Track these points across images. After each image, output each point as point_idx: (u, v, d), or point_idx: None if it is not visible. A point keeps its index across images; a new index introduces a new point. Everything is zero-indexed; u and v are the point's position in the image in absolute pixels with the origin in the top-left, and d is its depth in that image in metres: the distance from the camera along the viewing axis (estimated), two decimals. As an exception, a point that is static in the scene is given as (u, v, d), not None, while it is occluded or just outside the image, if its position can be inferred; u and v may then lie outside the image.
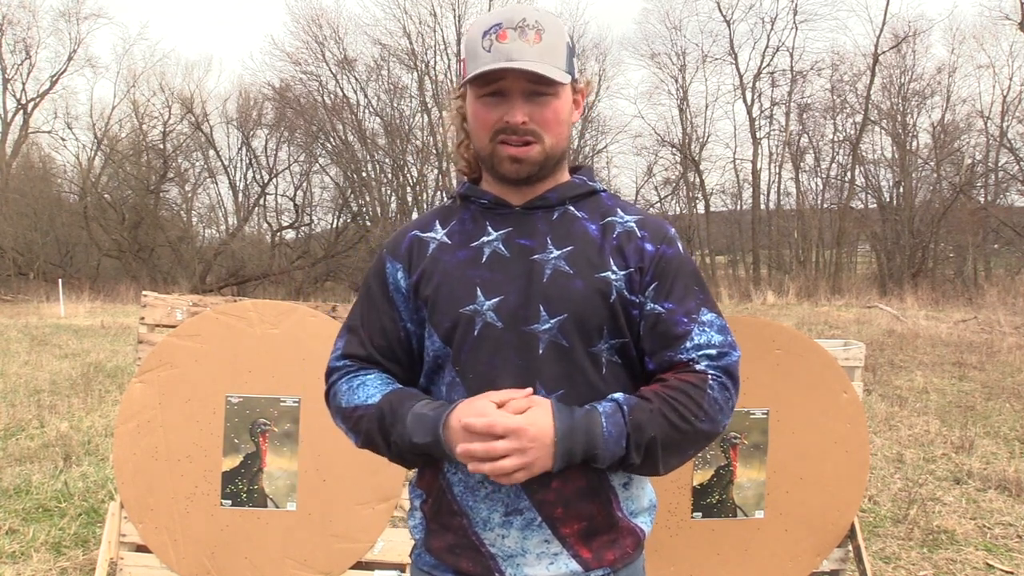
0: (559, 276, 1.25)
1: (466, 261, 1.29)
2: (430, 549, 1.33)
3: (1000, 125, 25.47)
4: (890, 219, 26.05)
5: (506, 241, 1.29)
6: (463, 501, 1.27)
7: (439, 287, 1.29)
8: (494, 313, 1.25)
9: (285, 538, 2.70)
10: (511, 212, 1.32)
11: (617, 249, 1.28)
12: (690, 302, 1.28)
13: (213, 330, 2.74)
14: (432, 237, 1.34)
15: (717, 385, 1.23)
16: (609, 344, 1.26)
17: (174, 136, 30.44)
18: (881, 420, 6.22)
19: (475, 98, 1.27)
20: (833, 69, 27.97)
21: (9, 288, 24.61)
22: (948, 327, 12.32)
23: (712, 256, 30.91)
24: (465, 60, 1.28)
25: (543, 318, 1.24)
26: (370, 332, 1.35)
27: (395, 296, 1.34)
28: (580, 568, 1.26)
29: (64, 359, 9.52)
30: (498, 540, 1.25)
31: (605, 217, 1.32)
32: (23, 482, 4.53)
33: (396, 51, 28.33)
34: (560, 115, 1.27)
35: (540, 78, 1.22)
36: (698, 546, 2.73)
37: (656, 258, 1.28)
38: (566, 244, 1.28)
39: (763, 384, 2.73)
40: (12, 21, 28.64)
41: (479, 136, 1.29)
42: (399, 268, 1.34)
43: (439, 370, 1.31)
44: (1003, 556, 3.63)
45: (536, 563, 1.25)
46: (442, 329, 1.28)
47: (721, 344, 1.27)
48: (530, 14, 1.23)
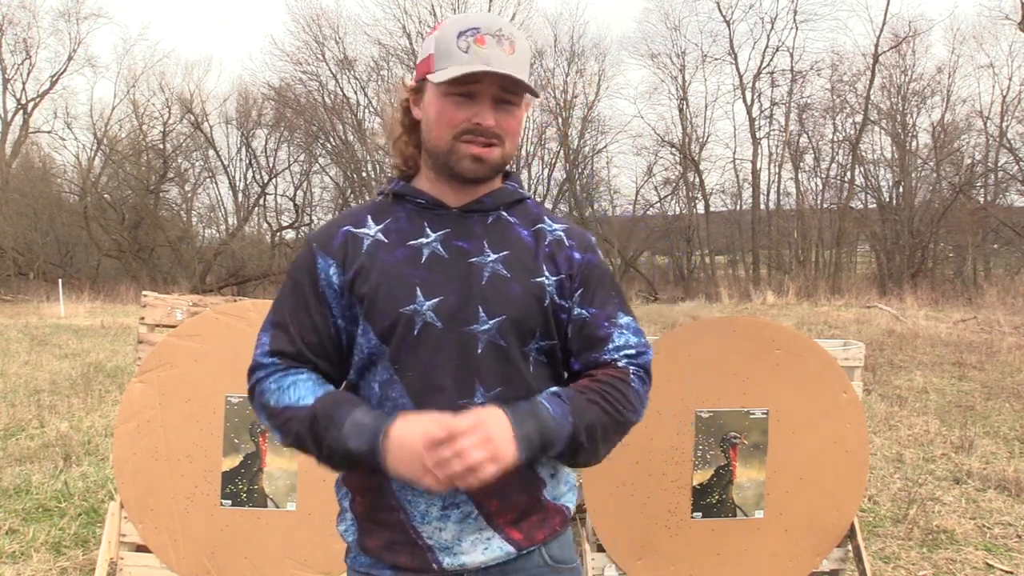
0: (497, 279, 1.30)
1: (404, 260, 1.30)
2: (365, 549, 1.34)
3: (1000, 125, 25.48)
4: (890, 219, 26.05)
5: (444, 242, 1.32)
6: (402, 496, 1.29)
7: (378, 286, 1.29)
8: (433, 313, 1.28)
9: (285, 538, 2.70)
10: (448, 213, 1.34)
11: (549, 256, 1.35)
12: (610, 307, 1.37)
13: (213, 330, 2.74)
14: (366, 233, 1.33)
15: (637, 379, 1.35)
16: (539, 345, 1.33)
17: (174, 136, 30.46)
18: (881, 420, 6.22)
19: (441, 95, 1.28)
20: (833, 69, 27.99)
21: (9, 288, 24.60)
22: (948, 327, 12.33)
23: (712, 256, 30.90)
24: (433, 56, 1.28)
25: (482, 319, 1.28)
26: (299, 328, 1.32)
27: (326, 292, 1.32)
28: (513, 549, 1.32)
29: (64, 359, 9.52)
30: (435, 533, 1.30)
31: (535, 224, 1.38)
32: (23, 482, 4.53)
33: (396, 51, 28.35)
34: (520, 124, 1.34)
35: (517, 84, 1.27)
36: (698, 546, 2.73)
37: (583, 265, 1.37)
38: (502, 248, 1.33)
39: (763, 384, 2.73)
40: (12, 21, 28.65)
41: (439, 133, 1.29)
42: (331, 264, 1.32)
43: (371, 366, 1.32)
44: (1003, 556, 3.63)
45: (472, 550, 1.30)
46: (380, 327, 1.29)
47: (637, 344, 1.38)
48: (505, 25, 1.29)
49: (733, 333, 2.74)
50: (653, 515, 2.71)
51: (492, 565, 1.31)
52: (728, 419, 2.73)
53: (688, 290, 26.30)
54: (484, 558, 1.30)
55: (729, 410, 2.73)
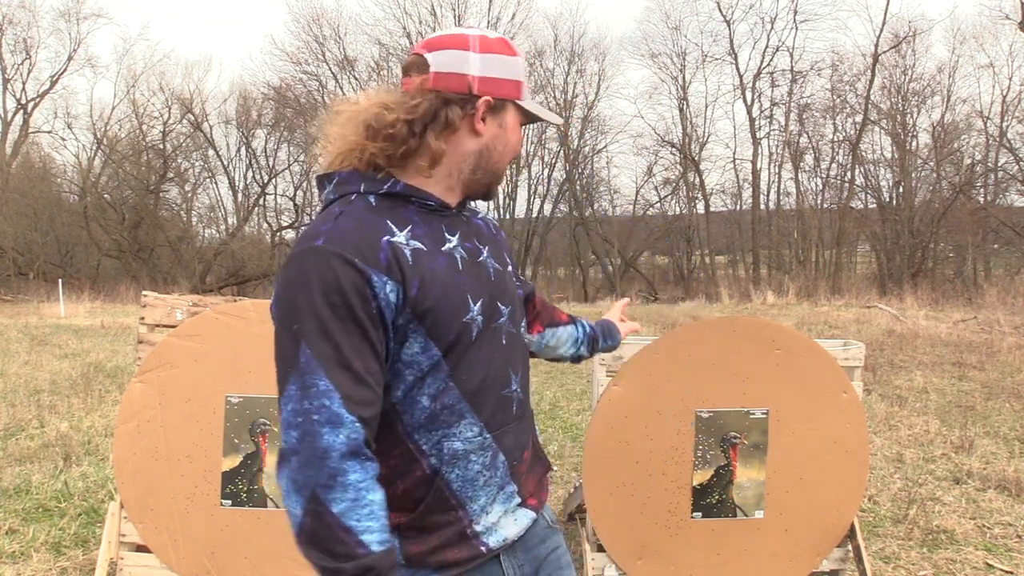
0: (497, 273, 1.38)
1: (449, 268, 1.27)
2: (409, 557, 1.27)
3: (1000, 125, 25.50)
4: (890, 219, 26.06)
5: (461, 244, 1.34)
6: (463, 493, 1.30)
7: (440, 299, 1.23)
8: (482, 316, 1.31)
9: (285, 538, 2.70)
10: (453, 216, 1.35)
11: (504, 242, 1.50)
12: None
13: (213, 330, 2.74)
14: (401, 243, 1.22)
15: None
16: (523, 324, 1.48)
17: (174, 136, 30.48)
18: (881, 420, 6.22)
19: (518, 124, 1.38)
20: (833, 69, 28.01)
21: (9, 288, 24.61)
22: (948, 327, 12.32)
23: (712, 256, 30.91)
24: (523, 84, 1.36)
25: (502, 312, 1.36)
26: (363, 360, 1.15)
27: (385, 312, 1.18)
28: (533, 514, 1.41)
29: (64, 359, 9.52)
30: (483, 519, 1.33)
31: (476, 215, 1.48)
32: (23, 482, 4.53)
33: (396, 51, 28.34)
34: None
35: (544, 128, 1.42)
36: (698, 546, 2.73)
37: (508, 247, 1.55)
38: (485, 243, 1.40)
39: (763, 384, 2.73)
40: (12, 21, 28.66)
41: (505, 155, 1.36)
42: (387, 281, 1.18)
43: (420, 384, 1.24)
44: (1003, 556, 3.63)
45: (507, 524, 1.36)
46: (445, 341, 1.24)
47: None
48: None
49: (733, 333, 2.74)
50: (653, 515, 2.71)
51: (519, 538, 1.37)
52: (728, 419, 2.73)
53: (688, 290, 26.31)
54: (518, 528, 1.37)
55: (729, 410, 2.73)
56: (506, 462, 1.34)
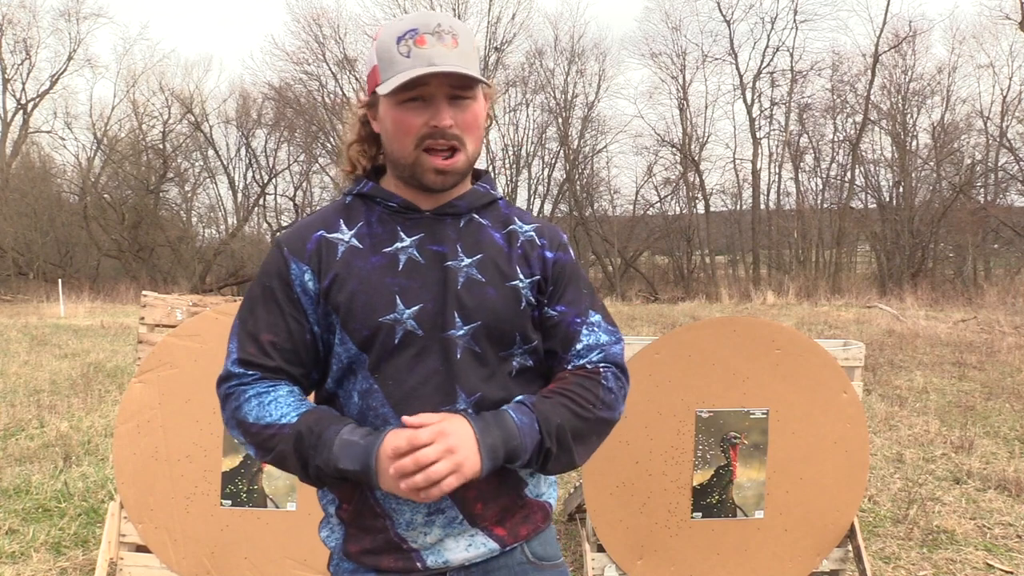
0: (472, 284, 1.28)
1: (381, 268, 1.27)
2: (348, 554, 1.32)
3: (1000, 125, 25.49)
4: (890, 219, 26.05)
5: (419, 247, 1.29)
6: (386, 504, 1.28)
7: (354, 295, 1.25)
8: (415, 321, 1.25)
9: (285, 538, 2.70)
10: (421, 217, 1.31)
11: (523, 257, 1.33)
12: (580, 305, 1.36)
13: (213, 330, 2.74)
14: (339, 239, 1.29)
15: (611, 376, 1.33)
16: (522, 349, 1.32)
17: (174, 136, 30.47)
18: (881, 420, 6.22)
19: (395, 104, 1.25)
20: (833, 69, 27.99)
21: (9, 288, 24.62)
22: (948, 327, 12.33)
23: (712, 256, 30.90)
24: (377, 66, 1.26)
25: (458, 324, 1.26)
26: (274, 335, 1.27)
27: (302, 298, 1.28)
28: (497, 546, 1.31)
29: (64, 359, 9.52)
30: (420, 537, 1.28)
31: (507, 226, 1.36)
32: (23, 482, 4.53)
33: (396, 51, 28.30)
34: (479, 119, 1.29)
35: (465, 80, 1.23)
36: (698, 546, 2.73)
37: (553, 263, 1.36)
38: (476, 252, 1.30)
39: (763, 384, 2.73)
40: (12, 21, 28.66)
41: (402, 143, 1.26)
42: (306, 270, 1.27)
43: (350, 375, 1.29)
44: (1003, 556, 3.63)
45: (455, 547, 1.29)
46: (359, 337, 1.25)
47: (608, 342, 1.36)
48: (443, 20, 1.25)
49: (733, 333, 2.74)
50: (653, 515, 2.71)
51: (475, 563, 1.31)
52: (728, 419, 2.73)
53: (688, 290, 26.30)
54: (468, 555, 1.30)
55: (729, 410, 2.73)
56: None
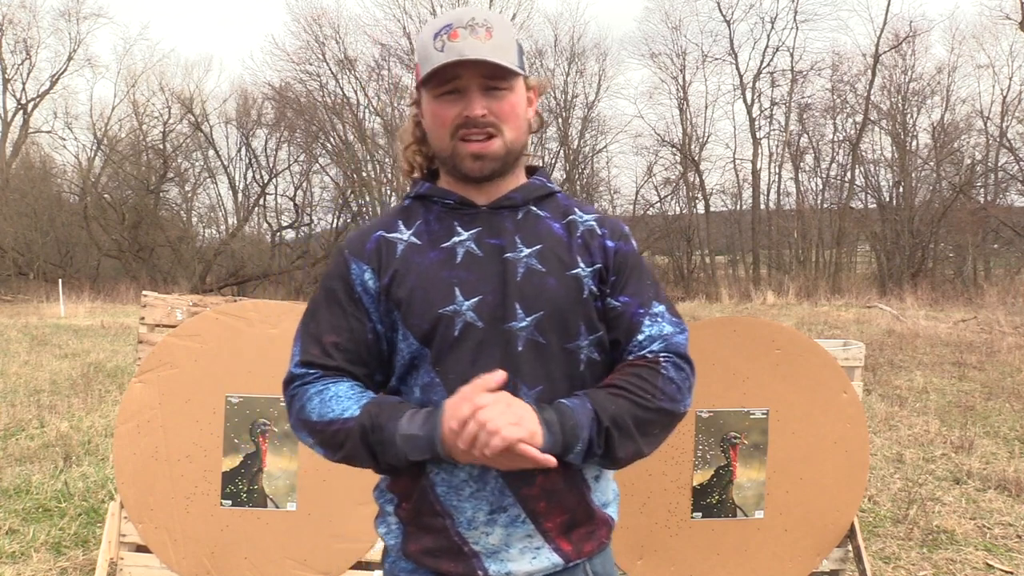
0: (532, 274, 1.28)
1: (439, 262, 1.29)
2: (407, 554, 1.31)
3: (1000, 125, 25.49)
4: (890, 219, 26.05)
5: (477, 240, 1.30)
6: (447, 501, 1.26)
7: (414, 289, 1.27)
8: (474, 313, 1.26)
9: (285, 538, 2.70)
10: (478, 212, 1.32)
11: (583, 247, 1.33)
12: (644, 295, 1.34)
13: (213, 330, 2.74)
14: (398, 238, 1.32)
15: (671, 366, 1.29)
16: (588, 340, 1.30)
17: (174, 136, 30.46)
18: (881, 420, 6.22)
19: (432, 99, 1.28)
20: (833, 69, 27.98)
21: (9, 288, 24.62)
22: (948, 327, 12.33)
23: (712, 256, 30.89)
24: (418, 65, 1.28)
25: (519, 316, 1.26)
26: (336, 337, 1.29)
27: (363, 297, 1.30)
28: (561, 560, 1.29)
29: (64, 359, 9.52)
30: (482, 538, 1.26)
31: (566, 216, 1.36)
32: (23, 482, 4.53)
33: (396, 51, 28.35)
34: (516, 108, 1.29)
35: (495, 69, 1.24)
36: (698, 546, 2.73)
37: (616, 254, 1.34)
38: (535, 243, 1.31)
39: (763, 384, 2.73)
40: (12, 21, 28.66)
41: (439, 135, 1.29)
42: (366, 269, 1.30)
43: (413, 370, 1.29)
44: (1003, 556, 3.63)
45: (519, 558, 1.27)
46: (420, 331, 1.26)
47: (671, 332, 1.33)
48: (479, 14, 1.26)
49: (733, 333, 2.74)
50: (653, 515, 2.71)
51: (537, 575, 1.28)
52: (728, 419, 2.73)
53: (688, 290, 26.30)
54: (531, 567, 1.27)
55: (729, 410, 2.73)
56: (500, 478, 1.25)
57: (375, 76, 28.86)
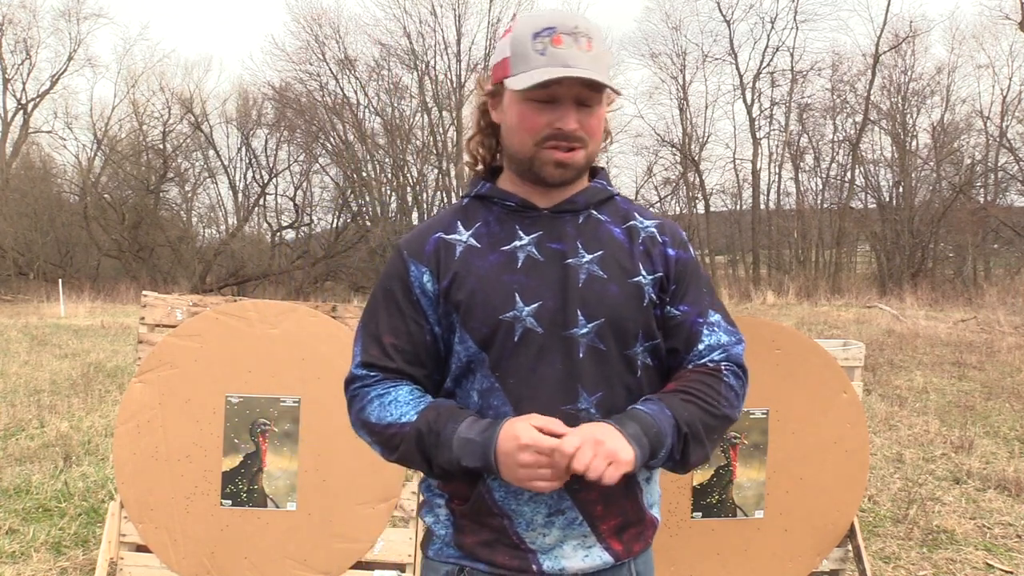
0: (594, 280, 1.27)
1: (500, 265, 1.27)
2: (460, 545, 1.31)
3: (1000, 125, 25.50)
4: (890, 219, 26.05)
5: (538, 245, 1.28)
6: (505, 504, 1.27)
7: (474, 293, 1.26)
8: (534, 319, 1.25)
9: (285, 538, 2.70)
10: (539, 215, 1.30)
11: (645, 254, 1.32)
12: (702, 304, 1.35)
13: (213, 330, 2.74)
14: (458, 239, 1.30)
15: (731, 374, 1.32)
16: (644, 347, 1.30)
17: (174, 136, 30.49)
18: (881, 420, 6.22)
19: (522, 100, 1.24)
20: (833, 69, 27.99)
21: (9, 288, 24.62)
22: (948, 327, 12.33)
23: (712, 256, 30.90)
24: (509, 59, 1.25)
25: (581, 322, 1.25)
26: (394, 338, 1.29)
27: (421, 300, 1.29)
28: (612, 559, 1.31)
29: (64, 359, 9.52)
30: (539, 538, 1.28)
31: (626, 221, 1.35)
32: (23, 482, 4.53)
33: (396, 51, 28.34)
34: (602, 123, 1.30)
35: (597, 86, 1.23)
36: (698, 546, 2.73)
37: (675, 262, 1.34)
38: (596, 248, 1.29)
39: (763, 384, 2.73)
40: (12, 21, 28.67)
41: (522, 139, 1.26)
42: (425, 271, 1.29)
43: (469, 374, 1.29)
44: (1003, 556, 3.63)
45: (573, 555, 1.29)
46: (479, 335, 1.26)
47: (728, 342, 1.35)
48: (580, 21, 1.24)
49: (733, 333, 2.74)
50: (653, 515, 2.71)
51: (588, 574, 1.30)
52: (728, 419, 2.73)
53: (688, 290, 26.26)
54: (583, 565, 1.29)
55: (729, 410, 2.73)
56: None
57: (375, 76, 28.87)
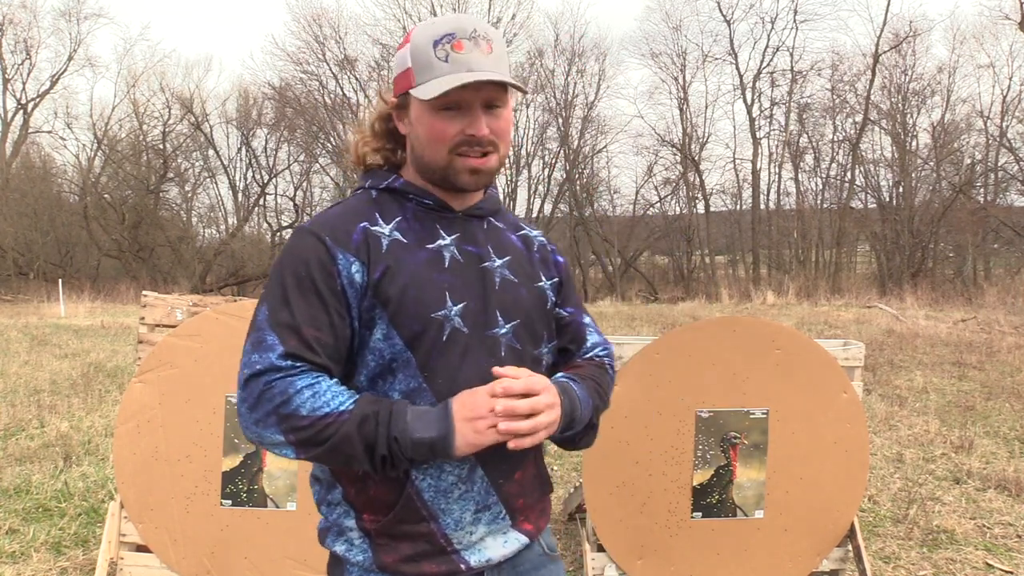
0: (507, 284, 1.33)
1: (429, 263, 1.26)
2: (383, 566, 1.27)
3: (1000, 125, 25.49)
4: (890, 219, 26.05)
5: (458, 246, 1.30)
6: (435, 505, 1.26)
7: (406, 288, 1.23)
8: (460, 319, 1.26)
9: (285, 538, 2.70)
10: (455, 217, 1.32)
11: (542, 261, 1.41)
12: (580, 306, 1.47)
13: (213, 330, 2.74)
14: (380, 232, 1.26)
15: (610, 368, 1.47)
16: (548, 347, 1.39)
17: (174, 136, 30.45)
18: (881, 420, 6.22)
19: (429, 110, 1.23)
20: (833, 69, 27.99)
21: (9, 288, 24.61)
22: (948, 327, 12.32)
23: (712, 256, 30.90)
24: (412, 69, 1.25)
25: (500, 323, 1.30)
26: (316, 330, 1.20)
27: (347, 291, 1.22)
28: (526, 539, 1.36)
29: (64, 359, 9.51)
30: (466, 537, 1.29)
31: (518, 230, 1.42)
32: (23, 482, 4.53)
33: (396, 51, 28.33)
34: (510, 124, 1.30)
35: (505, 88, 1.25)
36: (698, 546, 2.73)
37: (563, 267, 1.46)
38: (504, 254, 1.35)
39: (763, 384, 2.73)
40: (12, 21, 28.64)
41: (435, 149, 1.25)
42: (354, 261, 1.22)
43: (389, 374, 1.24)
44: (1003, 556, 3.63)
45: (494, 544, 1.32)
46: (408, 332, 1.23)
47: (604, 341, 1.49)
48: (478, 24, 1.24)
49: (733, 333, 2.74)
50: (653, 515, 2.71)
51: (508, 559, 1.34)
52: (728, 419, 2.73)
53: (688, 290, 26.30)
54: (505, 551, 1.32)
55: (729, 410, 2.73)
56: (486, 478, 1.27)
57: (375, 76, 28.84)
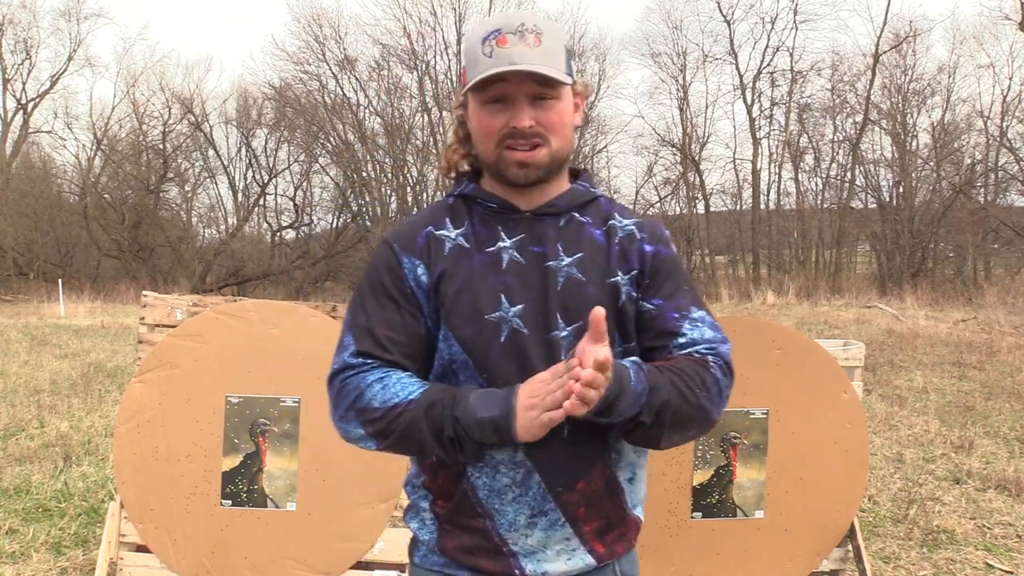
0: (572, 283, 1.28)
1: (485, 266, 1.28)
2: (443, 550, 1.31)
3: (1000, 125, 25.48)
4: (890, 219, 26.04)
5: (520, 248, 1.30)
6: (489, 504, 1.27)
7: (461, 291, 1.27)
8: (520, 320, 1.26)
9: (285, 538, 2.70)
10: (521, 217, 1.32)
11: (621, 253, 1.32)
12: (680, 299, 1.32)
13: (213, 330, 2.74)
14: (446, 235, 1.31)
15: (718, 368, 1.27)
16: (619, 349, 1.29)
17: (174, 136, 30.44)
18: (881, 420, 6.22)
19: (479, 105, 1.27)
20: (833, 69, 27.98)
21: (9, 288, 24.61)
22: (948, 327, 12.32)
23: (712, 256, 30.89)
24: (465, 68, 1.28)
25: (560, 325, 1.26)
26: (389, 330, 1.27)
27: (416, 292, 1.28)
28: (594, 561, 1.31)
29: (64, 359, 9.52)
30: (521, 540, 1.28)
31: (607, 222, 1.35)
32: (23, 482, 4.53)
33: (396, 51, 28.34)
34: (564, 117, 1.28)
35: (544, 79, 1.23)
36: (698, 546, 2.73)
37: (653, 257, 1.33)
38: (576, 251, 1.30)
39: (763, 384, 2.73)
40: (12, 21, 28.65)
41: (484, 143, 1.28)
42: (419, 264, 1.29)
43: (452, 375, 1.28)
44: (1003, 556, 3.63)
45: (556, 559, 1.29)
46: (462, 333, 1.26)
47: (713, 339, 1.30)
48: (528, 18, 1.25)
49: (733, 333, 2.72)
50: (653, 515, 2.71)
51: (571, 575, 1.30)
52: (728, 419, 2.73)
53: (688, 290, 26.25)
54: (566, 568, 1.29)
55: (729, 410, 2.73)
56: (542, 483, 1.26)
57: (375, 76, 28.85)
